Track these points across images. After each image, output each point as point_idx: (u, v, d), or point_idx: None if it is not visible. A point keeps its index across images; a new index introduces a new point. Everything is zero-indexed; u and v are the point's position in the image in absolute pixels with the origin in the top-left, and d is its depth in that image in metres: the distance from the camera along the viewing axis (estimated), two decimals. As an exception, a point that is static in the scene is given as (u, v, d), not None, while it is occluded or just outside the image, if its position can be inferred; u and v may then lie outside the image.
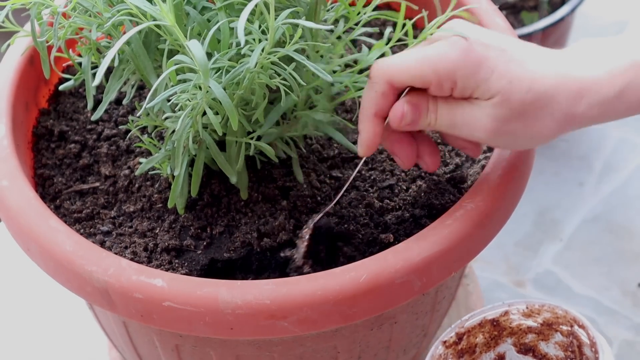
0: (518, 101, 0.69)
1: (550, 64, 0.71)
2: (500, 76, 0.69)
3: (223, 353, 0.77)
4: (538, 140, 0.72)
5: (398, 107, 0.71)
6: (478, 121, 0.70)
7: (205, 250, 0.78)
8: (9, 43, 0.79)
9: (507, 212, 0.78)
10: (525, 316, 0.74)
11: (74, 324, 1.08)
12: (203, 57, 0.65)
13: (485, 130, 0.70)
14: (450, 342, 0.73)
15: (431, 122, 0.72)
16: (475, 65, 0.69)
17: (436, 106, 0.71)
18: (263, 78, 0.71)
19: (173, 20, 0.68)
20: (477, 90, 0.69)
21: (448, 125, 0.71)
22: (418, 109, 0.71)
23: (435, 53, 0.70)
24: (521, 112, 0.69)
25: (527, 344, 0.75)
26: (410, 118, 0.71)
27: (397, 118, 0.72)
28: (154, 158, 0.79)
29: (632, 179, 1.23)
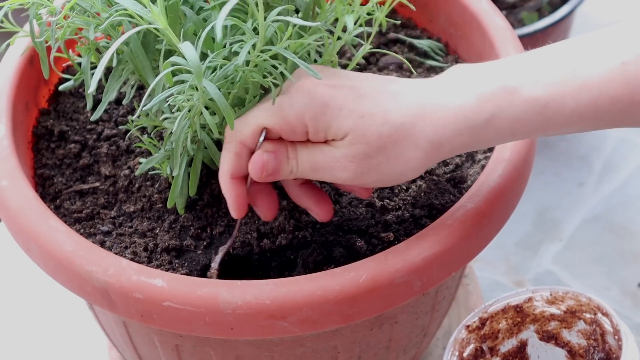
0: (374, 135, 0.67)
1: (413, 94, 0.68)
2: (349, 113, 0.67)
3: (223, 353, 0.77)
4: (408, 173, 0.69)
5: (256, 158, 0.70)
6: (338, 161, 0.68)
7: (205, 250, 0.78)
8: (8, 43, 0.79)
9: (507, 212, 0.78)
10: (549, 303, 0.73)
11: (74, 324, 1.08)
12: (196, 59, 0.65)
13: (347, 170, 0.68)
14: (474, 326, 0.73)
15: (293, 169, 0.70)
16: (322, 105, 0.67)
17: (295, 152, 0.70)
18: (256, 77, 0.71)
19: (165, 23, 0.68)
20: (329, 131, 0.68)
21: (310, 168, 0.70)
22: (277, 156, 0.70)
23: (281, 102, 0.69)
24: (380, 146, 0.67)
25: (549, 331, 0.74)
26: (272, 167, 0.69)
27: (257, 169, 0.70)
28: (154, 158, 0.79)
29: (632, 179, 1.23)
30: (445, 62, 0.91)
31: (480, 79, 0.68)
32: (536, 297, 0.74)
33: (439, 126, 0.67)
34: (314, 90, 0.68)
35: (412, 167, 0.69)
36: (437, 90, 0.69)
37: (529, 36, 1.20)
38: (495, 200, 0.76)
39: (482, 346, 0.73)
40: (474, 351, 0.72)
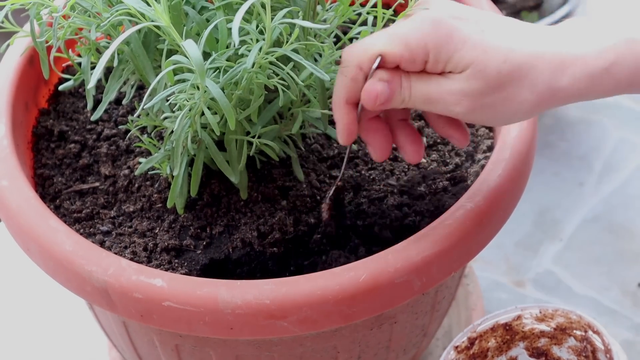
0: (494, 71, 0.67)
1: (534, 37, 0.68)
2: (473, 46, 0.67)
3: (223, 353, 0.77)
4: (520, 115, 0.69)
5: (370, 85, 0.69)
6: (453, 95, 0.67)
7: (205, 250, 0.78)
8: (8, 43, 0.79)
9: (507, 212, 0.78)
10: (539, 320, 0.73)
11: (74, 324, 1.08)
12: (199, 57, 0.65)
13: (461, 104, 0.68)
14: (462, 347, 0.73)
15: (405, 99, 0.69)
16: (447, 36, 0.67)
17: (409, 82, 0.69)
18: (261, 78, 0.71)
19: (168, 21, 0.68)
20: (450, 63, 0.67)
21: (423, 100, 0.69)
22: (391, 86, 0.69)
23: (405, 28, 0.68)
24: (499, 84, 0.67)
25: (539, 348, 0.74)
26: (385, 96, 0.68)
27: (370, 97, 0.69)
28: (154, 158, 0.79)
29: (632, 179, 1.23)
30: (445, 62, 0.91)
31: (601, 29, 0.69)
32: (525, 314, 0.74)
33: (558, 70, 0.67)
34: (439, 19, 0.67)
35: (524, 109, 0.68)
36: (558, 36, 0.69)
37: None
38: (495, 200, 0.76)
39: None
40: None
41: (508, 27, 0.69)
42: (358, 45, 0.69)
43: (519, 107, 0.68)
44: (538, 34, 0.69)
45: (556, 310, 0.73)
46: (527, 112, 0.69)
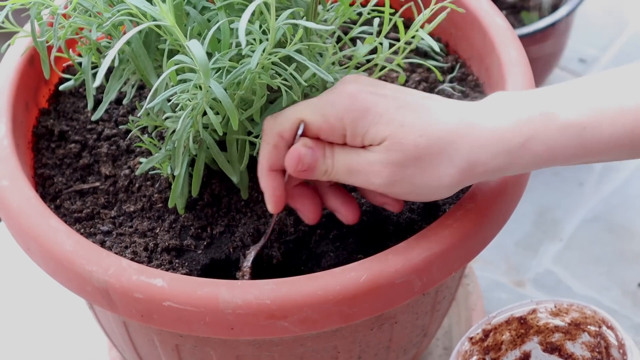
0: (411, 144, 0.68)
1: (453, 112, 0.69)
2: (389, 120, 0.68)
3: (223, 353, 0.77)
4: (440, 190, 0.70)
5: (293, 150, 0.70)
6: (373, 166, 0.69)
7: (206, 250, 0.78)
8: (9, 43, 0.79)
9: (507, 212, 0.78)
10: (553, 315, 0.73)
11: (74, 324, 1.08)
12: (203, 57, 0.65)
13: (380, 175, 0.69)
14: (477, 338, 0.73)
15: (328, 169, 0.70)
16: (363, 110, 0.68)
17: (332, 152, 0.70)
18: (264, 78, 0.71)
19: (173, 21, 0.68)
20: (367, 136, 0.69)
21: (345, 171, 0.70)
22: (314, 152, 0.70)
23: (324, 101, 0.70)
24: (417, 156, 0.68)
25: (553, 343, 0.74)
26: (308, 160, 0.70)
27: (293, 161, 0.70)
28: (154, 158, 0.79)
29: (632, 179, 1.23)
30: (445, 62, 0.91)
31: (519, 104, 0.69)
32: (540, 308, 0.74)
33: (476, 146, 0.68)
34: (356, 95, 0.69)
35: (445, 183, 0.69)
36: (477, 111, 0.70)
37: (529, 36, 1.20)
38: (495, 200, 0.76)
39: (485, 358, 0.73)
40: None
41: (426, 103, 0.70)
42: (279, 114, 0.71)
43: (440, 181, 0.69)
44: (457, 109, 0.70)
45: (571, 305, 0.73)
46: (448, 186, 0.70)
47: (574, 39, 1.37)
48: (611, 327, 0.71)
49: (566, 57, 1.37)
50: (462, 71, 0.91)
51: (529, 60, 0.85)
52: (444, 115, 0.69)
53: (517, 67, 0.83)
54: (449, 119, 0.69)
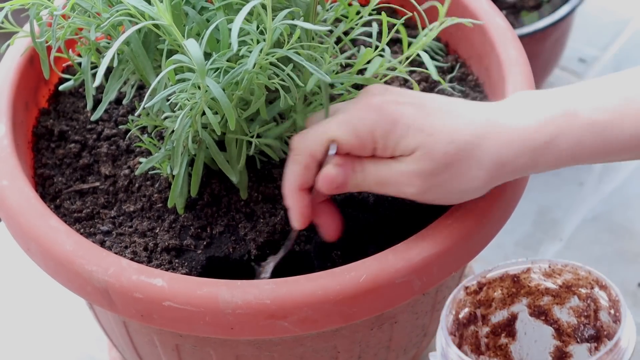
0: (441, 153, 0.69)
1: (478, 114, 0.70)
2: (418, 130, 0.69)
3: (223, 353, 0.77)
4: (470, 192, 0.71)
5: (327, 171, 0.71)
6: (405, 176, 0.70)
7: (206, 250, 0.78)
8: (8, 43, 0.79)
9: (507, 211, 0.78)
10: (546, 276, 0.73)
11: (74, 324, 1.08)
12: (200, 56, 0.65)
13: (413, 185, 0.70)
14: (471, 289, 0.72)
15: (359, 182, 0.72)
16: (390, 124, 0.69)
17: (362, 166, 0.72)
18: (262, 79, 0.71)
19: (170, 20, 0.68)
20: (397, 148, 0.70)
21: (376, 183, 0.71)
22: (345, 170, 0.71)
23: (352, 117, 0.70)
24: (446, 164, 0.69)
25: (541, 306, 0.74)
26: (341, 179, 0.71)
27: (327, 182, 0.71)
28: (154, 158, 0.79)
29: (632, 179, 1.23)
30: (445, 62, 0.91)
31: (543, 103, 0.70)
32: (534, 268, 0.73)
33: (502, 147, 0.69)
34: (382, 107, 0.70)
35: (475, 186, 0.71)
36: (501, 111, 0.71)
37: (529, 36, 1.20)
38: (495, 200, 0.76)
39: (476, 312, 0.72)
40: (468, 315, 0.72)
41: (451, 108, 0.71)
42: (309, 134, 0.72)
43: (470, 184, 0.70)
44: (482, 110, 0.71)
45: (566, 265, 0.73)
46: (479, 187, 0.71)
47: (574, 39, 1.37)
48: (604, 287, 0.71)
49: (566, 57, 1.37)
50: (462, 71, 0.91)
51: (529, 60, 0.85)
52: (470, 118, 0.70)
53: (517, 67, 0.84)
54: (475, 122, 0.70)
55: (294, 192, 0.73)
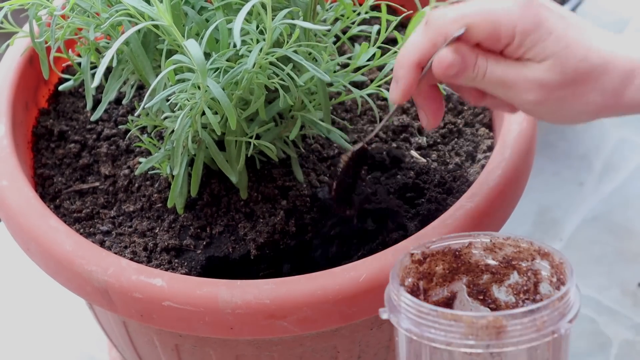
0: (572, 68, 0.68)
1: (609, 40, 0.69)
2: (557, 39, 0.67)
3: (223, 353, 0.77)
4: (581, 116, 0.70)
5: (445, 54, 0.67)
6: (529, 83, 0.68)
7: (205, 250, 0.78)
8: (8, 43, 0.79)
9: (507, 211, 0.78)
10: (488, 251, 0.71)
11: (74, 324, 1.08)
12: (200, 57, 0.65)
13: (533, 93, 0.68)
14: (416, 258, 0.71)
15: (477, 77, 0.69)
16: (535, 24, 0.67)
17: (486, 62, 0.69)
18: (261, 78, 0.71)
19: (170, 20, 0.68)
20: (532, 50, 0.68)
21: (496, 83, 0.69)
22: (465, 60, 0.68)
23: (497, 7, 0.68)
24: (573, 80, 0.68)
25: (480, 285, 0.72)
26: (457, 69, 0.68)
27: (442, 66, 0.68)
28: (154, 158, 0.79)
29: (632, 179, 1.23)
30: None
31: None
32: (476, 243, 0.72)
33: (627, 79, 0.68)
34: (530, 5, 0.68)
35: (590, 110, 0.69)
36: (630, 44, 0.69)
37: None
38: (495, 199, 0.76)
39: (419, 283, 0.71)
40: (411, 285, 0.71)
41: (587, 27, 0.69)
42: (448, 12, 0.68)
43: (585, 107, 0.69)
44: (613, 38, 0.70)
45: (507, 238, 0.72)
46: (591, 113, 0.70)
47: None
48: (546, 254, 0.70)
49: (566, 57, 1.36)
50: (461, 71, 0.91)
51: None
52: (602, 40, 0.69)
53: (517, 66, 0.83)
54: (607, 45, 0.69)
55: (410, 64, 0.69)
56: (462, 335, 0.62)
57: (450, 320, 0.62)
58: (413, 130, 0.87)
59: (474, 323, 0.62)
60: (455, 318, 0.62)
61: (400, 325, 0.64)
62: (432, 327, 0.63)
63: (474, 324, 0.62)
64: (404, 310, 0.64)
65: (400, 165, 0.83)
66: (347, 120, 0.86)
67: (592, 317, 1.09)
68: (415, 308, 0.64)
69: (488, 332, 0.62)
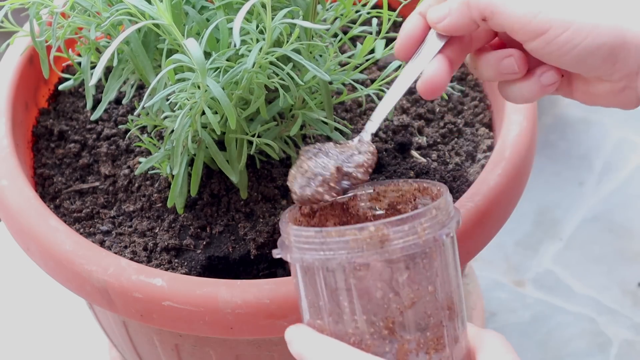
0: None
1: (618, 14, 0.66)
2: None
3: (223, 352, 0.77)
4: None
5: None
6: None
7: (205, 250, 0.78)
8: (8, 43, 0.79)
9: (507, 211, 0.78)
10: (373, 201, 0.71)
11: (74, 324, 1.08)
12: (200, 56, 0.65)
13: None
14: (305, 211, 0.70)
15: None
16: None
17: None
18: (261, 78, 0.71)
19: (170, 19, 0.68)
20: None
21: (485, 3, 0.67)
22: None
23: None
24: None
25: None
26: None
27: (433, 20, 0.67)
28: (154, 157, 0.79)
29: (632, 178, 1.23)
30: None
31: None
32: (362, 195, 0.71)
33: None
34: None
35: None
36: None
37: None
38: (495, 199, 0.76)
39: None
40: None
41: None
42: None
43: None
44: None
45: (389, 184, 0.71)
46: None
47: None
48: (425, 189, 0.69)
49: (566, 56, 1.36)
50: (461, 70, 0.91)
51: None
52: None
53: (517, 66, 0.83)
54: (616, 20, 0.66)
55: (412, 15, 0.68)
56: (349, 250, 0.61)
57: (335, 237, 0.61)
58: (413, 130, 0.87)
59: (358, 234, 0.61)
60: (340, 234, 0.61)
61: (292, 257, 0.63)
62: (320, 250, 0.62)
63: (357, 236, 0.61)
64: (293, 243, 0.63)
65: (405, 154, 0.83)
66: (347, 120, 0.86)
67: (592, 317, 1.09)
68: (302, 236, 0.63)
69: (372, 241, 0.61)
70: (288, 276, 0.72)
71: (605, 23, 0.65)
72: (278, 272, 0.77)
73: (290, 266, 0.64)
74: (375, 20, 0.80)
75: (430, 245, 0.62)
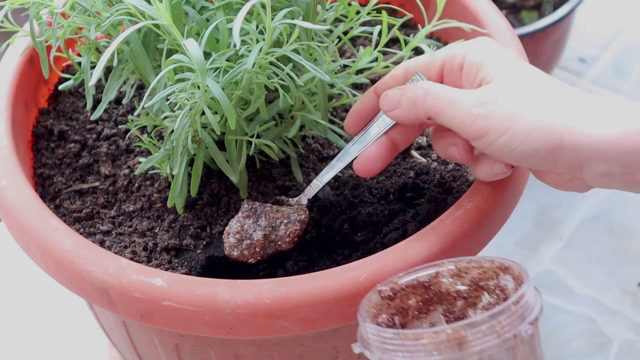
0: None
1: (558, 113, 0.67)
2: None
3: (223, 352, 0.77)
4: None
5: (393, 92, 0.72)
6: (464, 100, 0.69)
7: (205, 250, 0.78)
8: (8, 43, 0.79)
9: (507, 211, 0.78)
10: (455, 277, 0.72)
11: (74, 324, 1.08)
12: (200, 56, 0.65)
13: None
14: (385, 294, 0.71)
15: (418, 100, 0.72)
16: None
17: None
18: (261, 78, 0.71)
19: (170, 20, 0.68)
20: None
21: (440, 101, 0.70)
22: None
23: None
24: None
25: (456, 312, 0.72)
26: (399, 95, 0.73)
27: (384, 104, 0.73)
28: (154, 157, 0.79)
29: (632, 178, 1.22)
30: (445, 61, 0.91)
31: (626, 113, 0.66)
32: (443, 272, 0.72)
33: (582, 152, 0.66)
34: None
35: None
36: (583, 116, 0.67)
37: (528, 36, 1.20)
38: (495, 199, 0.76)
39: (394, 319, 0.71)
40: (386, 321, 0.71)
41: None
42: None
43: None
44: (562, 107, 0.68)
45: (470, 261, 0.71)
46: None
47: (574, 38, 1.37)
48: (506, 268, 0.70)
49: (566, 56, 1.37)
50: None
51: (529, 60, 0.85)
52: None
53: (517, 66, 0.83)
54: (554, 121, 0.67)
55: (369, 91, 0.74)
56: (427, 353, 0.63)
57: (412, 340, 0.63)
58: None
59: (435, 338, 0.63)
60: (417, 337, 0.63)
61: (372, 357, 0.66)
62: (398, 351, 0.64)
63: (435, 339, 0.63)
64: (372, 341, 0.66)
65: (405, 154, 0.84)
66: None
67: (592, 317, 1.09)
68: (380, 336, 0.65)
69: (450, 344, 0.62)
70: (288, 276, 0.72)
71: (542, 127, 0.66)
72: (278, 272, 0.77)
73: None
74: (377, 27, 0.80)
75: (510, 343, 0.62)
